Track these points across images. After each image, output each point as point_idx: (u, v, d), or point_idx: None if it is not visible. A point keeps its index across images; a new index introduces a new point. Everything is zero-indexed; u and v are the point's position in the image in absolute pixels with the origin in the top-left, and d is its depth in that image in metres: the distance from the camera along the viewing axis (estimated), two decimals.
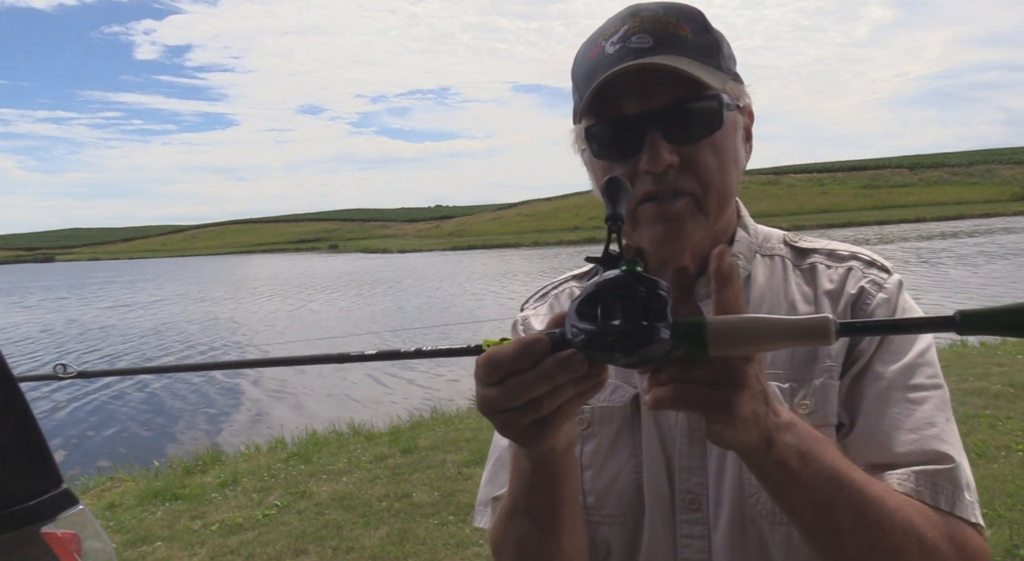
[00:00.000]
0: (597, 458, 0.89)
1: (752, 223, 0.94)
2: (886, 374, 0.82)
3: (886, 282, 0.87)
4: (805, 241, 0.93)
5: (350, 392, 11.58)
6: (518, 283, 28.99)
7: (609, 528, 0.87)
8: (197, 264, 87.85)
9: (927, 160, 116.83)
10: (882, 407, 0.80)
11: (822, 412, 0.82)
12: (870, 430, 0.80)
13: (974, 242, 32.27)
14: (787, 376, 0.84)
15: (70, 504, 1.77)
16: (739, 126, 0.85)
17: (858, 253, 0.91)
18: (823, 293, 0.87)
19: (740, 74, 0.87)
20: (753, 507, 0.80)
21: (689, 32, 0.80)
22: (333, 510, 4.71)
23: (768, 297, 0.88)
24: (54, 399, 12.07)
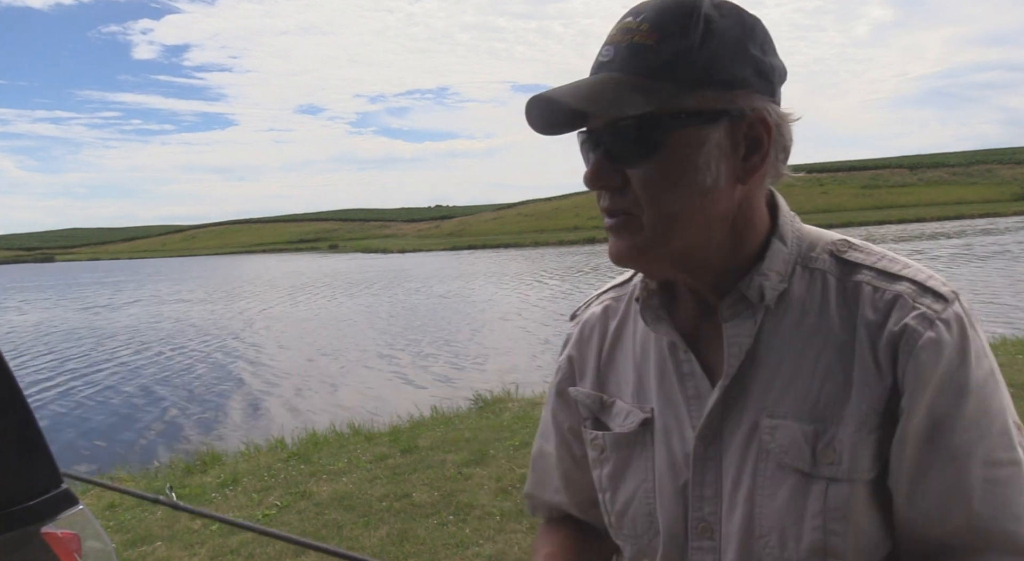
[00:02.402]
0: (612, 482, 0.90)
1: (796, 230, 0.83)
2: (959, 445, 0.71)
3: (940, 314, 0.72)
4: (855, 252, 0.80)
5: (350, 392, 11.58)
6: (486, 283, 28.99)
7: (633, 546, 0.89)
8: (195, 264, 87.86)
9: (927, 160, 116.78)
10: (948, 488, 0.71)
11: (849, 466, 0.73)
12: (929, 513, 0.72)
13: (952, 244, 32.28)
14: (810, 416, 0.74)
15: (70, 504, 1.77)
16: (707, 141, 0.74)
17: (913, 273, 0.76)
18: (863, 324, 0.74)
19: (747, 74, 0.75)
20: (762, 549, 0.76)
21: (656, 40, 0.73)
22: (333, 510, 4.70)
23: (804, 321, 0.77)
24: (54, 399, 12.07)
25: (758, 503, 0.76)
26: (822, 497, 0.73)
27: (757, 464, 0.76)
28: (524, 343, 14.94)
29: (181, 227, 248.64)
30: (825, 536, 0.72)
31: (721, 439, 0.79)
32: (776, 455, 0.75)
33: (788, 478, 0.75)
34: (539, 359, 12.95)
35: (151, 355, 16.30)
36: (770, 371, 0.77)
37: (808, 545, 0.73)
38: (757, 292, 0.78)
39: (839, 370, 0.74)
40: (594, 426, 0.92)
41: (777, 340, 0.78)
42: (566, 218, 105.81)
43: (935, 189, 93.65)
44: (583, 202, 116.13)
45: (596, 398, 0.92)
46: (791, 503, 0.74)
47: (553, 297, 23.30)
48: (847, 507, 0.72)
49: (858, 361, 0.73)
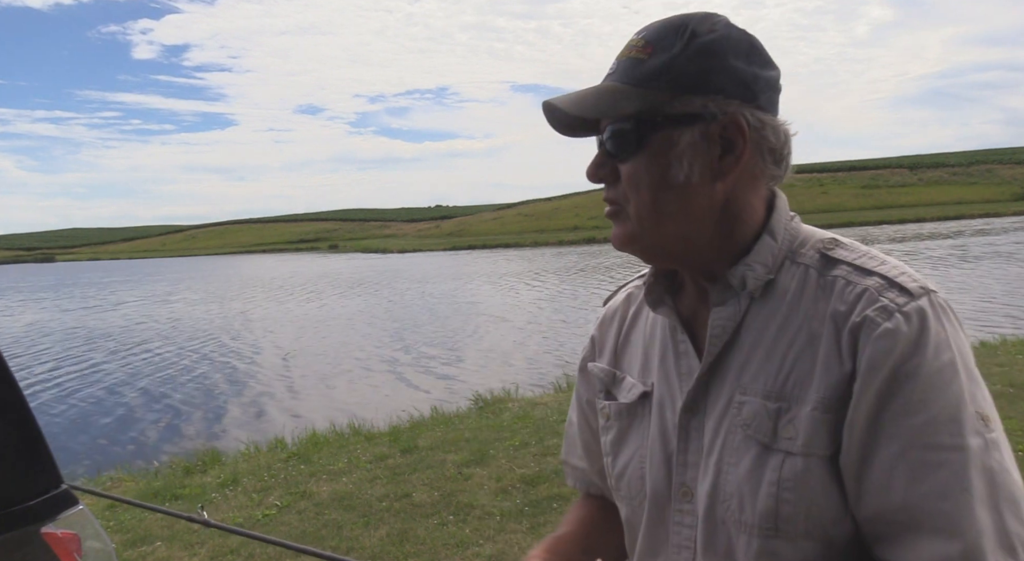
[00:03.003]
0: (614, 448, 1.00)
1: (791, 228, 0.89)
2: (902, 428, 0.75)
3: (902, 307, 0.77)
4: (840, 249, 0.86)
5: (350, 392, 11.58)
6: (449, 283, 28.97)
7: (628, 506, 0.98)
8: (194, 264, 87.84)
9: (927, 160, 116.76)
10: (889, 468, 0.75)
11: (805, 442, 0.78)
12: (874, 492, 0.76)
13: (950, 244, 32.29)
14: (776, 395, 0.81)
15: (70, 504, 1.77)
16: (680, 143, 0.83)
17: (886, 269, 0.82)
18: (832, 314, 0.80)
19: (729, 85, 0.83)
20: (724, 511, 0.84)
21: (649, 53, 0.84)
22: (333, 510, 4.71)
23: (786, 310, 0.84)
24: (54, 399, 12.07)
25: (724, 470, 0.84)
26: (778, 468, 0.80)
27: (728, 435, 0.85)
28: (514, 343, 14.94)
29: (181, 227, 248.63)
30: (777, 503, 0.79)
31: (704, 412, 0.88)
32: (743, 428, 0.83)
33: (751, 449, 0.82)
34: (528, 358, 12.96)
35: (151, 355, 16.30)
36: (748, 352, 0.85)
37: (762, 510, 0.80)
38: (740, 281, 0.86)
39: (808, 355, 0.81)
40: (606, 398, 1.04)
41: (757, 325, 0.85)
42: (566, 218, 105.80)
43: (935, 189, 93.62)
44: (583, 202, 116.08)
45: (610, 373, 1.04)
46: (751, 471, 0.81)
47: (542, 299, 23.30)
48: (799, 479, 0.78)
49: (823, 348, 0.80)
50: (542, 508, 4.38)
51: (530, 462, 5.26)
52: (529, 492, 4.69)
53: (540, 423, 6.40)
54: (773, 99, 0.87)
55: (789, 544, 0.79)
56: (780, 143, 0.87)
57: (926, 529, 0.73)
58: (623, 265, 33.99)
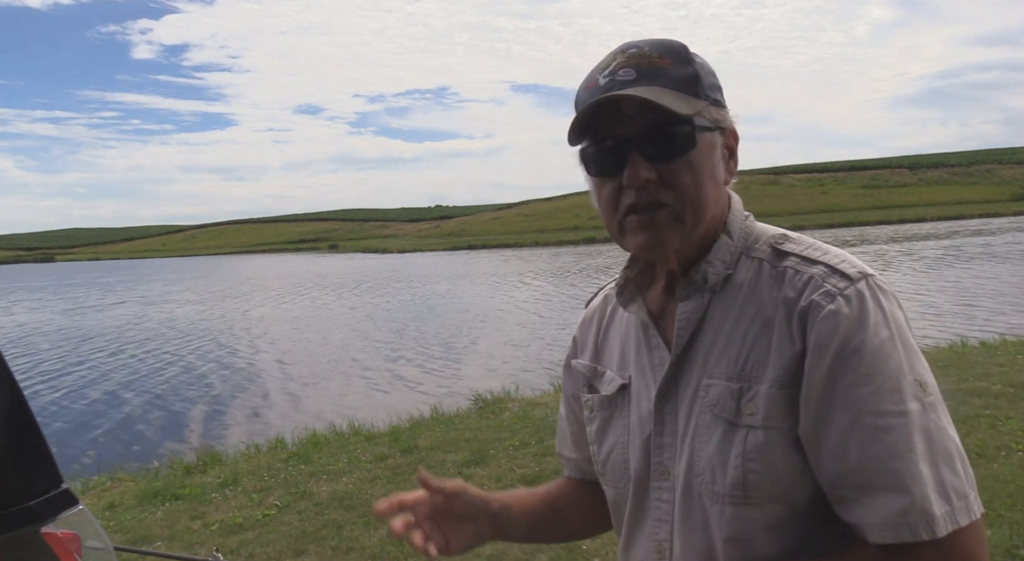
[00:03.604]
0: (598, 436, 1.08)
1: (744, 225, 0.99)
2: (852, 399, 0.83)
3: (843, 291, 0.86)
4: (789, 243, 0.95)
5: (350, 392, 11.59)
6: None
7: (613, 489, 1.06)
8: (194, 264, 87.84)
9: (927, 160, 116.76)
10: (843, 436, 0.83)
11: (764, 416, 0.87)
12: (832, 458, 0.84)
13: (942, 246, 32.28)
14: (737, 376, 0.90)
15: (70, 504, 1.77)
16: (717, 145, 0.94)
17: (829, 258, 0.91)
18: (783, 301, 0.89)
19: (723, 100, 0.96)
20: (699, 484, 0.92)
21: (670, 64, 0.91)
22: (333, 510, 4.71)
23: (743, 300, 0.93)
24: (54, 399, 12.08)
25: (697, 448, 0.92)
26: (743, 442, 0.88)
27: (699, 416, 0.93)
28: (514, 343, 14.94)
29: (181, 227, 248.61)
30: (744, 474, 0.87)
31: (676, 397, 0.96)
32: (710, 408, 0.91)
33: (719, 427, 0.90)
34: (528, 358, 12.95)
35: (151, 355, 16.31)
36: (711, 341, 0.94)
37: (731, 480, 0.88)
38: (702, 277, 0.95)
39: (764, 339, 0.89)
40: (589, 391, 1.12)
41: (719, 316, 0.94)
42: (566, 218, 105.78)
43: (935, 189, 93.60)
44: (583, 202, 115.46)
45: (591, 368, 1.12)
46: (720, 447, 0.90)
47: (542, 298, 23.30)
48: (762, 450, 0.87)
49: (776, 331, 0.88)
50: None
51: (530, 462, 5.26)
52: None
53: (540, 423, 6.40)
54: None
55: (757, 509, 0.88)
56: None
57: (879, 487, 0.81)
58: (613, 267, 33.95)
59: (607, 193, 0.95)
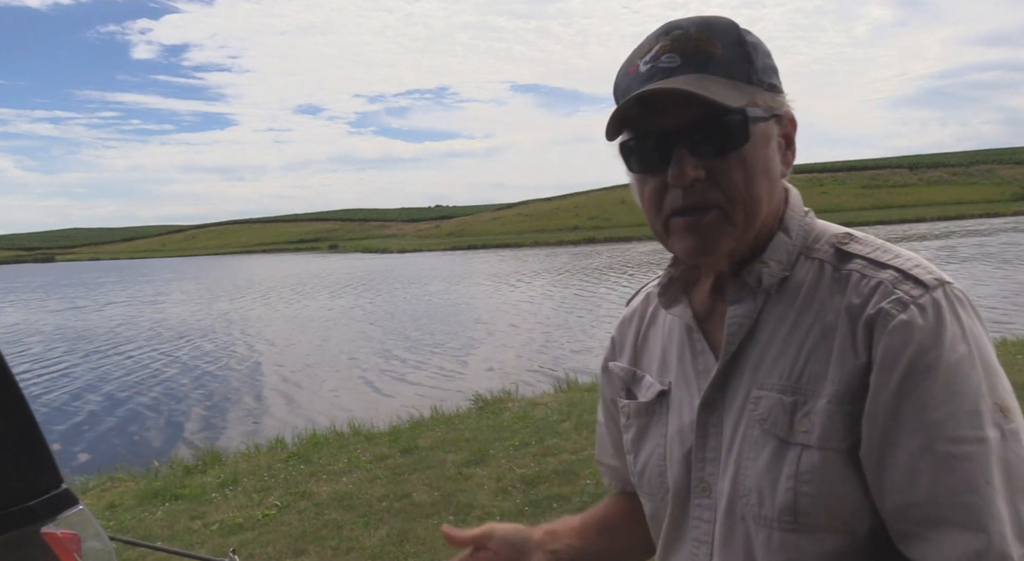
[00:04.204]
0: (635, 445, 1.00)
1: (804, 222, 0.90)
2: (924, 422, 0.74)
3: (917, 299, 0.77)
4: (854, 244, 0.86)
5: (350, 392, 11.58)
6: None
7: (650, 503, 0.99)
8: (194, 264, 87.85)
9: (927, 160, 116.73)
10: (912, 463, 0.74)
11: (820, 435, 0.78)
12: (897, 488, 0.75)
13: (936, 246, 32.28)
14: (792, 389, 0.81)
15: (70, 504, 1.77)
16: (772, 136, 0.85)
17: (901, 262, 0.81)
18: (847, 308, 0.80)
19: (779, 83, 0.88)
20: (744, 506, 0.83)
21: (720, 48, 0.82)
22: (333, 510, 4.71)
23: (801, 305, 0.84)
24: (54, 399, 12.07)
25: (743, 465, 0.84)
26: (795, 462, 0.79)
27: (746, 430, 0.84)
28: (514, 342, 14.94)
29: (181, 227, 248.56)
30: (795, 497, 0.78)
31: (722, 408, 0.87)
32: (760, 422, 0.83)
33: (769, 443, 0.82)
34: (528, 358, 12.95)
35: (151, 355, 16.30)
36: (763, 348, 0.85)
37: (780, 504, 0.79)
38: (756, 279, 0.86)
39: (823, 349, 0.80)
40: (627, 397, 1.04)
41: (773, 321, 0.85)
42: (566, 218, 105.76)
43: (935, 189, 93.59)
44: (583, 202, 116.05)
45: (630, 372, 1.04)
46: (769, 466, 0.81)
47: (541, 298, 23.29)
48: (816, 472, 0.78)
49: (838, 341, 0.79)
50: (542, 508, 4.38)
51: (530, 462, 5.26)
52: (529, 492, 4.69)
53: (540, 423, 6.40)
54: None
55: (809, 537, 0.79)
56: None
57: (951, 524, 0.72)
58: (611, 267, 34.04)
59: (650, 191, 0.86)
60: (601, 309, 19.16)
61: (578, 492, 4.56)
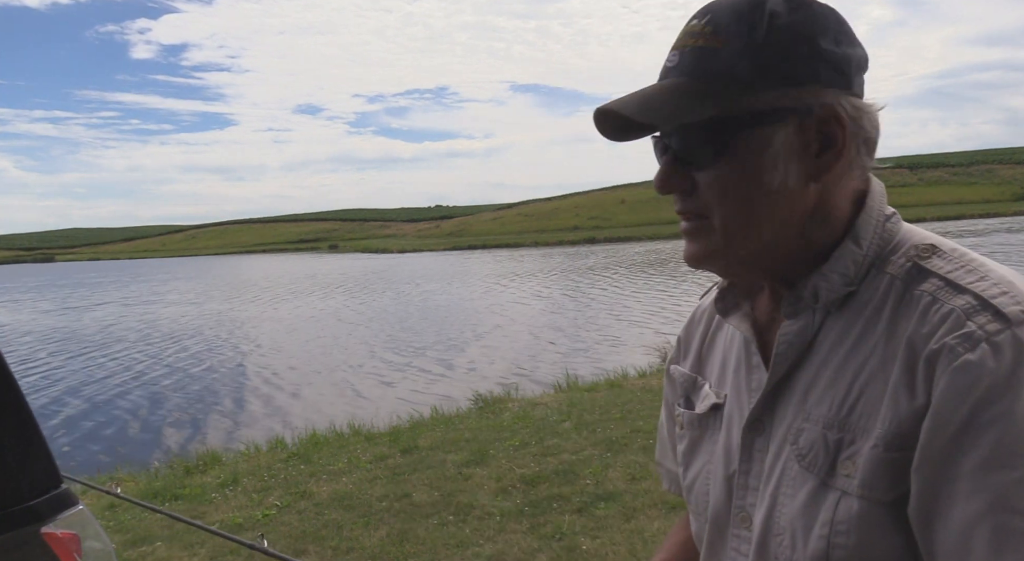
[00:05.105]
0: (685, 459, 0.94)
1: (883, 229, 0.78)
2: (986, 485, 0.62)
3: (992, 336, 0.64)
4: (936, 259, 0.73)
5: (350, 392, 11.58)
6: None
7: (696, 521, 0.92)
8: (194, 264, 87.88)
9: (927, 160, 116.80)
10: (967, 530, 0.63)
11: (862, 483, 0.69)
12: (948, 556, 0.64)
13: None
14: (839, 424, 0.72)
15: (70, 504, 1.77)
16: (776, 141, 0.73)
17: (984, 287, 0.68)
18: (908, 338, 0.68)
19: (821, 70, 0.73)
20: (777, 547, 0.76)
21: (720, 42, 0.73)
22: (333, 510, 4.70)
23: (863, 328, 0.74)
24: (54, 399, 12.08)
25: (780, 501, 0.76)
26: (832, 508, 0.71)
27: (787, 463, 0.76)
28: (514, 342, 14.94)
29: (181, 227, 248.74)
30: (829, 547, 0.70)
31: (770, 433, 0.79)
32: (798, 458, 0.75)
33: (808, 482, 0.73)
34: (528, 358, 12.95)
35: (151, 356, 16.30)
36: (816, 372, 0.76)
37: (813, 552, 0.71)
38: (812, 293, 0.77)
39: (879, 382, 0.70)
40: (685, 405, 0.96)
41: (831, 342, 0.76)
42: (566, 218, 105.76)
43: (935, 189, 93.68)
44: (583, 202, 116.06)
45: (691, 378, 0.96)
46: (805, 508, 0.73)
47: (541, 298, 23.30)
48: (854, 523, 0.69)
49: (895, 376, 0.69)
50: (542, 508, 4.38)
51: (530, 462, 5.26)
52: (529, 492, 4.69)
53: (540, 423, 6.40)
54: (862, 82, 0.77)
55: None
56: (875, 132, 0.77)
57: None
58: (605, 267, 34.03)
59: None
60: (590, 309, 19.17)
61: (578, 492, 4.56)
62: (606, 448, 5.37)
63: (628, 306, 19.58)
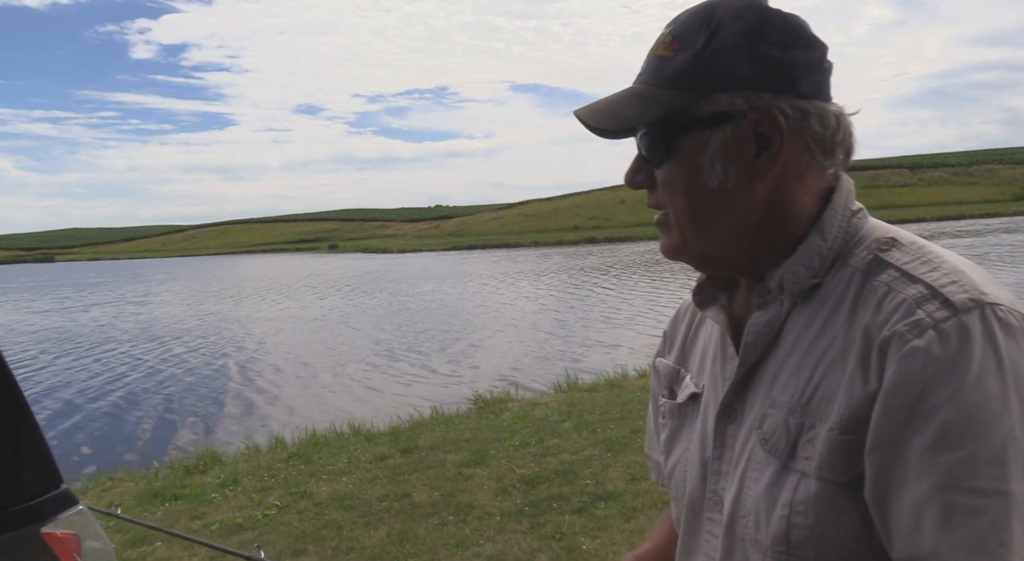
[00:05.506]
0: (666, 447, 0.99)
1: (848, 224, 0.81)
2: (933, 465, 0.65)
3: (939, 323, 0.67)
4: (895, 251, 0.76)
5: (350, 392, 11.58)
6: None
7: (676, 507, 0.97)
8: (194, 264, 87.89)
9: (927, 160, 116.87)
10: (917, 510, 0.66)
11: (819, 465, 0.72)
12: (902, 535, 0.67)
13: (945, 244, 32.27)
14: (801, 410, 0.75)
15: (70, 504, 1.77)
16: (712, 144, 0.78)
17: (935, 276, 0.71)
18: (864, 326, 0.72)
19: (763, 74, 0.77)
20: (743, 528, 0.80)
21: (674, 50, 0.79)
22: (333, 510, 4.70)
23: (826, 318, 0.77)
24: (54, 399, 12.07)
25: (746, 484, 0.80)
26: (793, 489, 0.74)
27: (754, 448, 0.80)
28: (514, 342, 14.94)
29: (181, 227, 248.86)
30: (789, 527, 0.74)
31: (740, 420, 0.84)
32: (762, 442, 0.79)
33: (771, 465, 0.77)
34: (528, 358, 12.95)
35: (152, 357, 16.30)
36: (783, 361, 0.80)
37: (774, 531, 0.75)
38: (778, 285, 0.81)
39: (838, 369, 0.74)
40: (668, 395, 1.01)
41: (796, 332, 0.80)
42: (566, 218, 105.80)
43: (935, 189, 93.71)
44: (583, 202, 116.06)
45: (674, 370, 1.01)
46: (768, 490, 0.77)
47: (540, 298, 23.30)
48: (811, 504, 0.73)
49: (852, 363, 0.72)
50: (542, 508, 4.38)
51: (530, 462, 5.26)
52: (529, 492, 4.68)
53: (540, 423, 6.40)
54: (818, 82, 0.79)
55: None
56: (828, 131, 0.79)
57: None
58: (605, 267, 34.02)
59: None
60: (590, 309, 19.18)
61: (578, 492, 4.56)
62: (606, 448, 5.37)
63: (628, 306, 19.59)
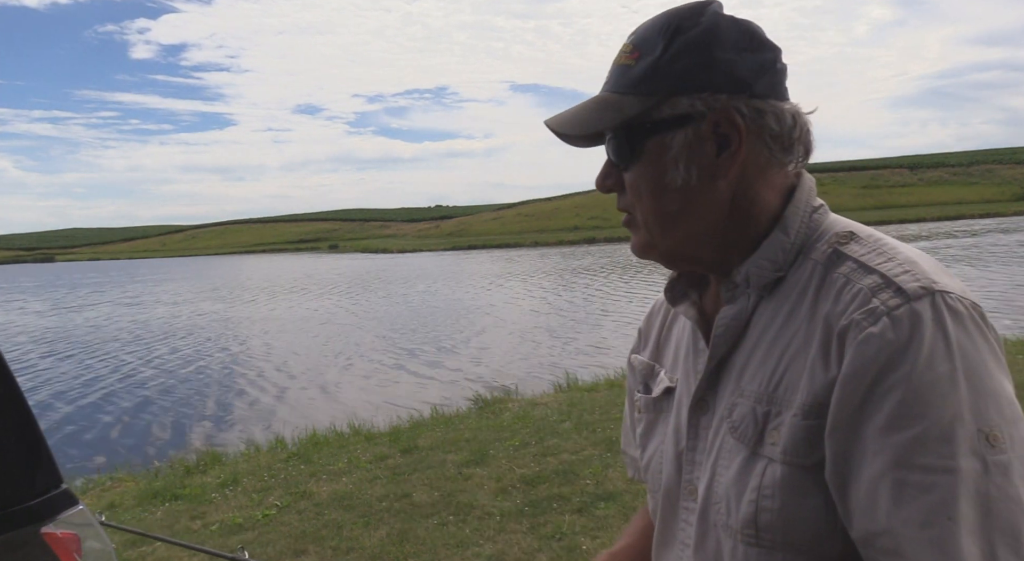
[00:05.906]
0: (642, 441, 1.01)
1: (809, 219, 0.85)
2: (885, 445, 0.69)
3: (892, 311, 0.71)
4: (853, 244, 0.81)
5: (350, 392, 11.58)
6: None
7: (652, 499, 0.99)
8: (194, 264, 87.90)
9: (927, 160, 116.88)
10: (872, 488, 0.69)
11: (785, 449, 0.76)
12: (859, 514, 0.71)
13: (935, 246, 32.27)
14: (767, 398, 0.79)
15: (70, 504, 1.77)
16: (674, 146, 0.82)
17: (890, 267, 0.75)
18: (824, 316, 0.76)
19: (716, 77, 0.81)
20: (715, 514, 0.83)
21: (635, 59, 0.83)
22: (333, 510, 4.70)
23: (789, 310, 0.81)
24: (54, 399, 12.08)
25: (718, 472, 0.83)
26: (760, 475, 0.77)
27: (724, 437, 0.83)
28: (514, 342, 14.94)
29: (181, 227, 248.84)
30: (757, 511, 0.77)
31: (712, 411, 0.87)
32: (731, 431, 0.82)
33: (740, 453, 0.80)
34: (528, 358, 12.95)
35: (152, 356, 16.30)
36: (750, 352, 0.83)
37: (743, 516, 0.78)
38: (744, 279, 0.84)
39: (801, 358, 0.77)
40: (643, 390, 1.04)
41: (762, 324, 0.83)
42: (566, 218, 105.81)
43: (935, 189, 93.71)
44: (583, 202, 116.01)
45: (649, 366, 1.04)
46: (738, 476, 0.80)
47: (540, 298, 23.30)
48: (778, 487, 0.76)
49: (813, 351, 0.76)
50: (542, 508, 4.38)
51: (530, 462, 5.26)
52: (529, 492, 4.69)
53: (540, 423, 6.40)
54: (773, 82, 0.83)
55: (770, 554, 0.77)
56: (785, 128, 0.82)
57: (910, 557, 0.67)
58: (606, 267, 34.05)
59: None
60: (590, 309, 19.17)
61: (578, 492, 4.56)
62: (606, 448, 5.37)
63: (628, 305, 19.60)
